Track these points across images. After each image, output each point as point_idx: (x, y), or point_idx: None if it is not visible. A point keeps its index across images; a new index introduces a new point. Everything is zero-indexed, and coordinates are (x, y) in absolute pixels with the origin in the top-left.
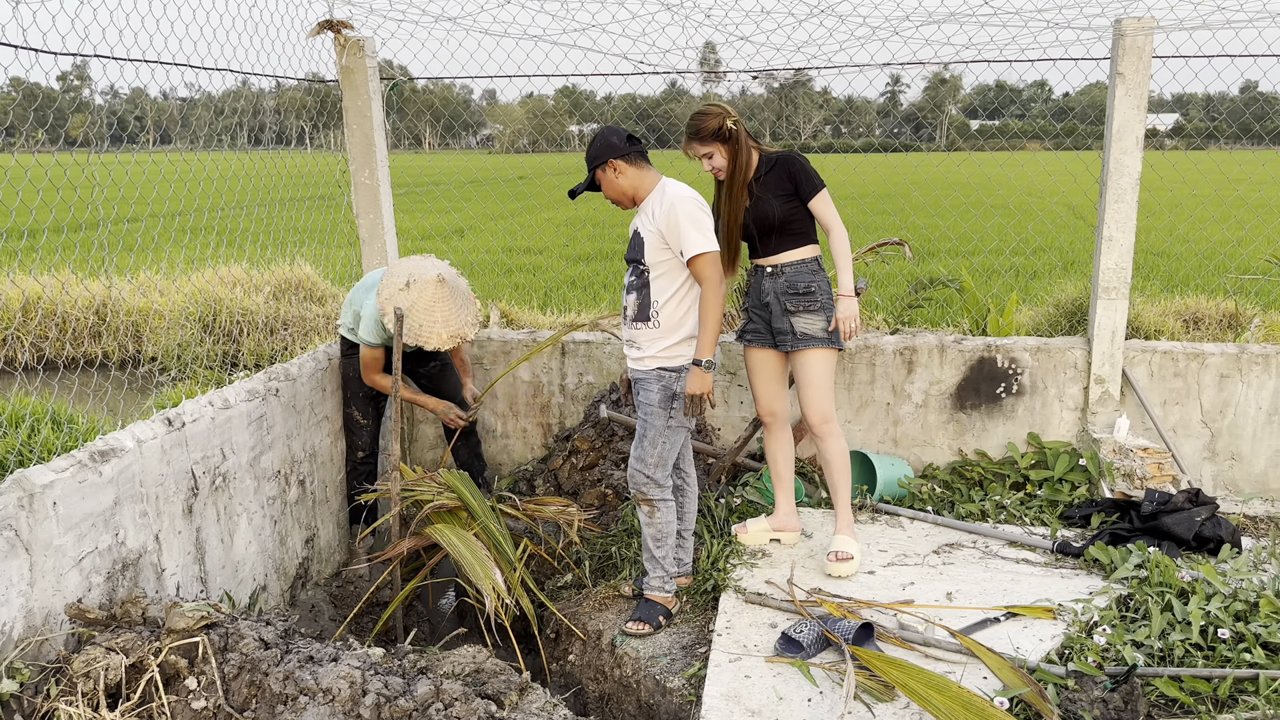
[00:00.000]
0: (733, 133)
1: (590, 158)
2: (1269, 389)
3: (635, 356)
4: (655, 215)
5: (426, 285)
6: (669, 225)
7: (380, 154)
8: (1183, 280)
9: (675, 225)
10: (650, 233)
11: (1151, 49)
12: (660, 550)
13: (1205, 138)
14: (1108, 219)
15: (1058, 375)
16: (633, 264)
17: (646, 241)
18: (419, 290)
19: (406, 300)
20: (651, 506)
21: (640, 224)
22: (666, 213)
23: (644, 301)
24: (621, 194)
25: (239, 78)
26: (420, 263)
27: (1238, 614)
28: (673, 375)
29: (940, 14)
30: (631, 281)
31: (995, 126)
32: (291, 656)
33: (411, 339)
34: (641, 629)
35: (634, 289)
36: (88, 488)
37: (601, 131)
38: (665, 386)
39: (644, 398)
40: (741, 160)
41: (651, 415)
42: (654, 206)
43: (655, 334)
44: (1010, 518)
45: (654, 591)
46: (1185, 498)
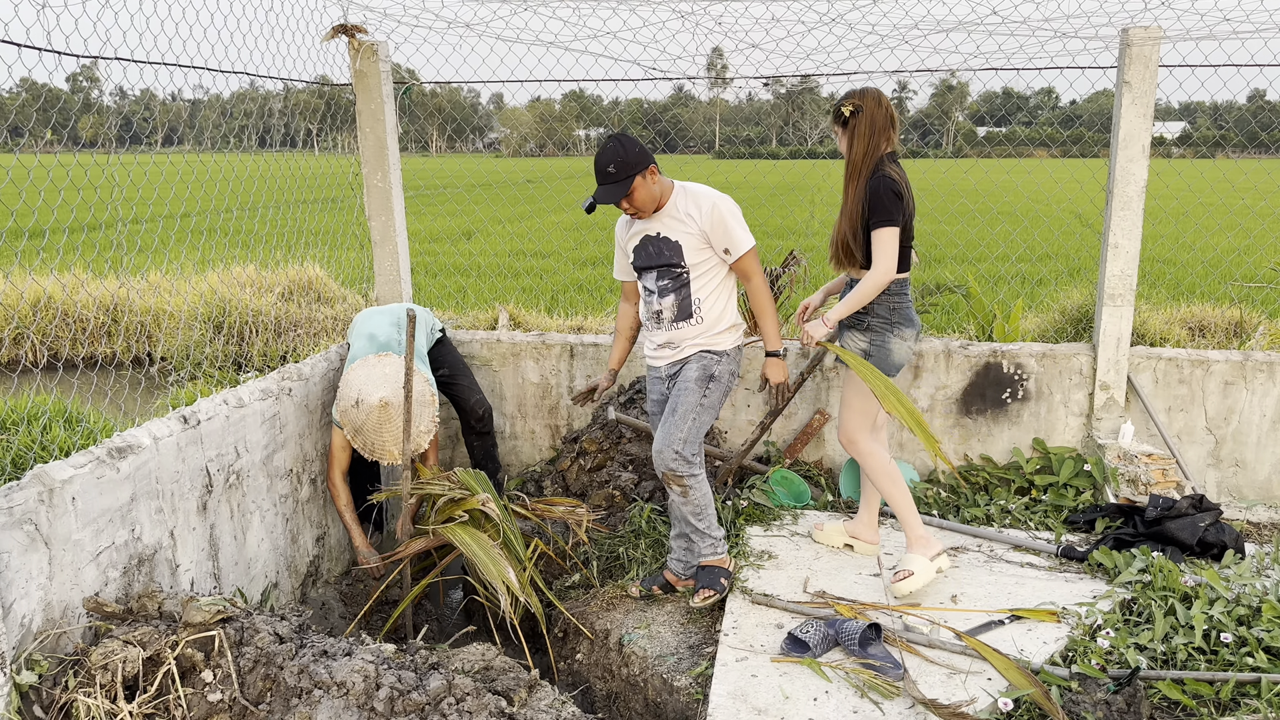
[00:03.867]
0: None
1: (631, 164)
2: (1273, 396)
3: (672, 354)
4: (694, 217)
5: (371, 410)
6: (715, 224)
7: (393, 157)
8: (1188, 288)
9: (723, 224)
10: (689, 235)
11: (1158, 58)
12: (703, 523)
13: (1212, 146)
14: (1113, 226)
15: (1063, 381)
16: (662, 268)
17: (684, 244)
18: (365, 412)
19: (357, 418)
20: (683, 486)
21: (667, 228)
22: (709, 213)
23: (684, 301)
24: (652, 199)
25: (248, 80)
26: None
27: (1240, 618)
28: (713, 358)
29: (949, 23)
30: (665, 285)
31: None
32: (306, 651)
33: (366, 454)
34: (709, 596)
35: (669, 291)
36: (105, 484)
37: (622, 140)
38: (704, 366)
39: (683, 376)
40: (854, 152)
41: (687, 392)
42: (687, 209)
43: (698, 329)
44: (1015, 522)
45: (709, 557)
46: (1189, 504)
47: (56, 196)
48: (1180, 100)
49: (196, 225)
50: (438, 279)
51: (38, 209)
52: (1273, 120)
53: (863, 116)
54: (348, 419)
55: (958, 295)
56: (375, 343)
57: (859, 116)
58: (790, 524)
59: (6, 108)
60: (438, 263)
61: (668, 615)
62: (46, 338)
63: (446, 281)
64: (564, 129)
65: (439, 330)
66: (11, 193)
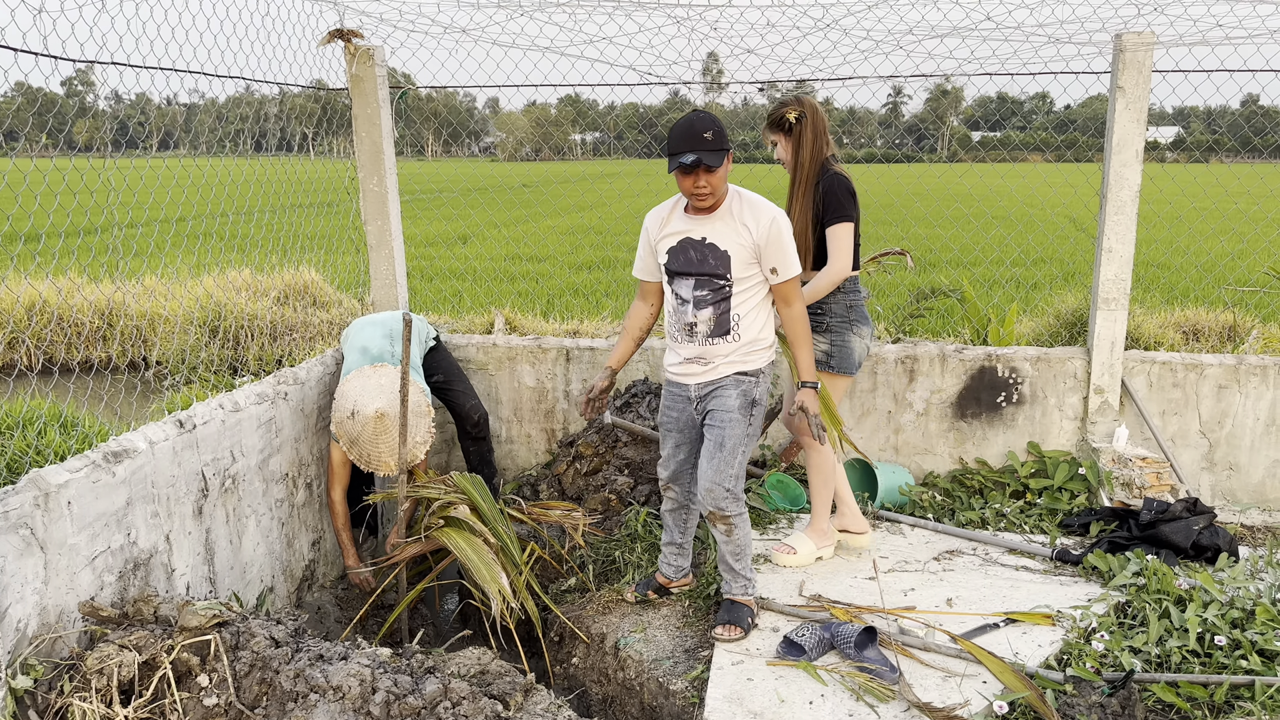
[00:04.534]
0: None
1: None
2: (1266, 400)
3: (705, 372)
4: (750, 228)
5: (367, 422)
6: (771, 241)
7: (389, 161)
8: (1182, 292)
9: (779, 242)
10: (742, 246)
11: (1151, 64)
12: (740, 563)
13: (1206, 151)
14: (1107, 231)
15: (1057, 385)
16: (703, 278)
17: (734, 256)
18: (361, 424)
19: (353, 429)
20: (729, 525)
21: (716, 234)
22: (768, 227)
23: (723, 316)
24: (718, 191)
25: (242, 84)
26: (364, 387)
27: (1234, 621)
28: (751, 380)
29: (943, 28)
30: (703, 296)
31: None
32: (302, 655)
33: (363, 466)
34: (734, 633)
35: (706, 304)
36: (101, 488)
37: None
38: (744, 392)
39: (719, 404)
40: (800, 158)
41: (731, 424)
42: (745, 217)
43: (733, 346)
44: (1010, 525)
45: (739, 596)
46: (1183, 507)
47: (52, 201)
48: (1174, 105)
49: (192, 230)
50: (434, 283)
51: (33, 213)
52: (1266, 125)
53: (807, 122)
54: (343, 431)
55: (953, 299)
56: (368, 355)
57: (804, 122)
58: (786, 527)
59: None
60: (434, 267)
61: (663, 619)
62: (42, 342)
63: (442, 285)
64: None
65: (433, 338)
66: (7, 197)
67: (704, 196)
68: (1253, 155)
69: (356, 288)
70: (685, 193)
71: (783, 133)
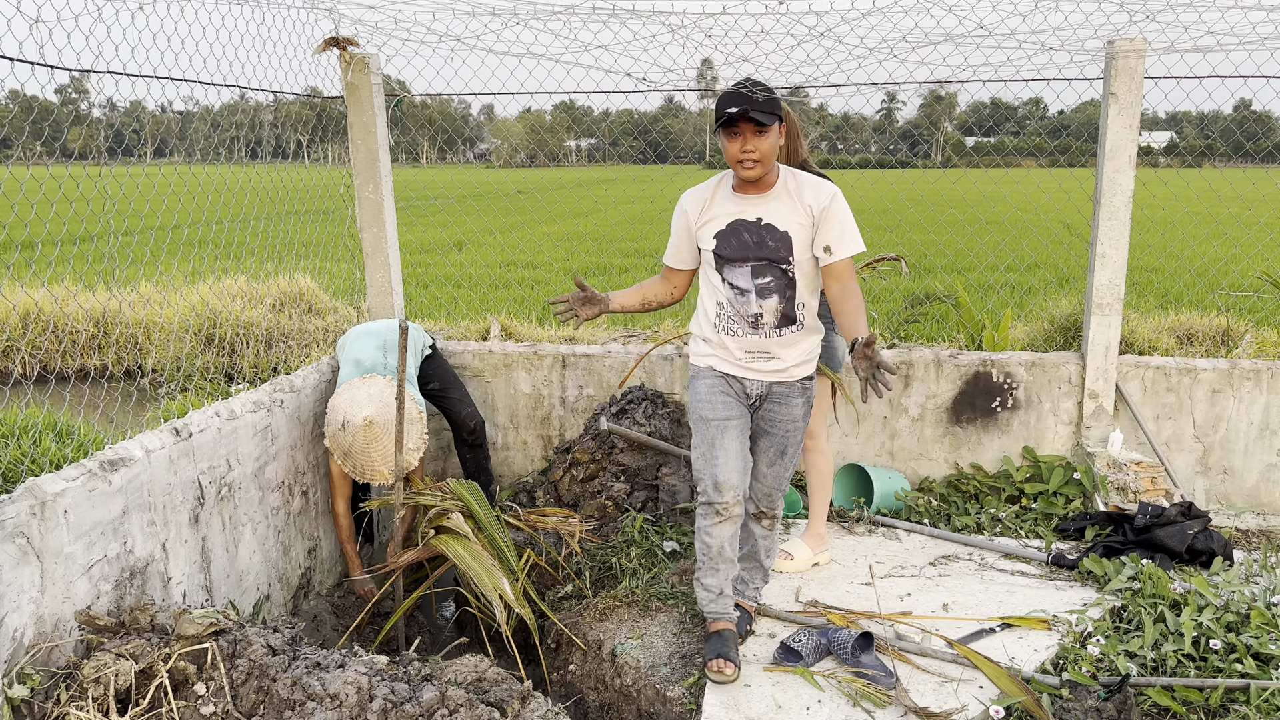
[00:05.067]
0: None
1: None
2: (1260, 404)
3: (773, 369)
4: (811, 206)
5: (357, 431)
6: (832, 217)
7: (384, 169)
8: (1176, 297)
9: (839, 218)
10: (803, 226)
11: (1144, 70)
12: (769, 559)
13: (1199, 156)
14: (1101, 236)
15: (1052, 390)
16: (764, 263)
17: (795, 237)
18: (352, 434)
19: (345, 440)
20: (774, 521)
21: (774, 214)
22: (829, 202)
23: (789, 304)
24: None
25: (237, 91)
26: (353, 399)
27: (1229, 625)
28: (813, 385)
29: (936, 35)
30: (766, 284)
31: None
32: (299, 663)
33: (358, 478)
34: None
35: (771, 292)
36: (97, 496)
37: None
38: (808, 400)
39: (786, 413)
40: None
41: (794, 433)
42: (805, 194)
43: (798, 337)
44: (1006, 530)
45: (743, 599)
46: (1178, 511)
47: (47, 209)
48: (1167, 110)
49: (188, 237)
50: (429, 290)
51: (29, 222)
52: (1258, 130)
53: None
54: (336, 443)
55: (947, 305)
56: (361, 367)
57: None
58: (782, 533)
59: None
60: (429, 274)
61: (660, 625)
62: (37, 350)
63: (438, 292)
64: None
65: (429, 347)
66: (2, 205)
67: (751, 164)
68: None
69: (352, 295)
70: (731, 159)
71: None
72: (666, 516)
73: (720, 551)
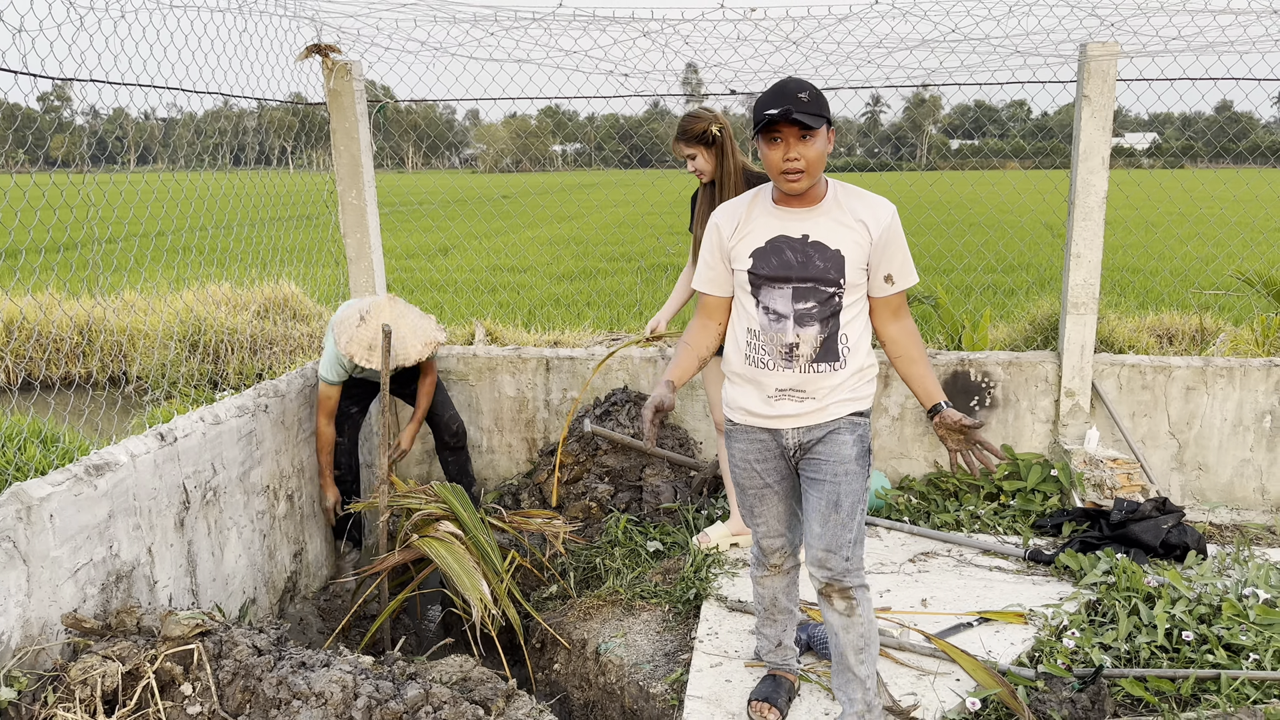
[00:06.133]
0: (717, 139)
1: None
2: (1233, 401)
3: (806, 410)
4: (867, 223)
5: (382, 307)
6: (890, 240)
7: (367, 175)
8: (1156, 297)
9: (902, 242)
10: (858, 246)
11: (1116, 73)
12: (864, 665)
13: (1180, 156)
14: (1075, 237)
15: (1029, 388)
16: (808, 285)
17: (849, 257)
18: (377, 314)
19: (368, 333)
20: (850, 600)
21: (823, 230)
22: (888, 223)
23: (831, 337)
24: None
25: (220, 98)
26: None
27: (1201, 617)
28: (866, 421)
29: (913, 40)
30: (807, 310)
31: (974, 146)
32: (284, 663)
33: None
34: None
35: (812, 320)
36: (83, 501)
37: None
38: (861, 438)
39: (833, 452)
40: (727, 168)
41: (848, 478)
42: (859, 210)
43: (841, 376)
44: (984, 527)
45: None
46: (1153, 506)
47: (31, 217)
48: (1150, 112)
49: (171, 244)
50: (414, 295)
51: (14, 230)
52: (1238, 131)
53: (726, 134)
54: (358, 340)
55: (927, 306)
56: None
57: (725, 133)
58: None
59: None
60: (414, 279)
61: (644, 624)
62: (21, 358)
63: (423, 297)
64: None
65: None
66: None
67: (796, 175)
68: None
69: (336, 300)
70: (774, 170)
71: (703, 145)
72: (650, 517)
73: (774, 602)
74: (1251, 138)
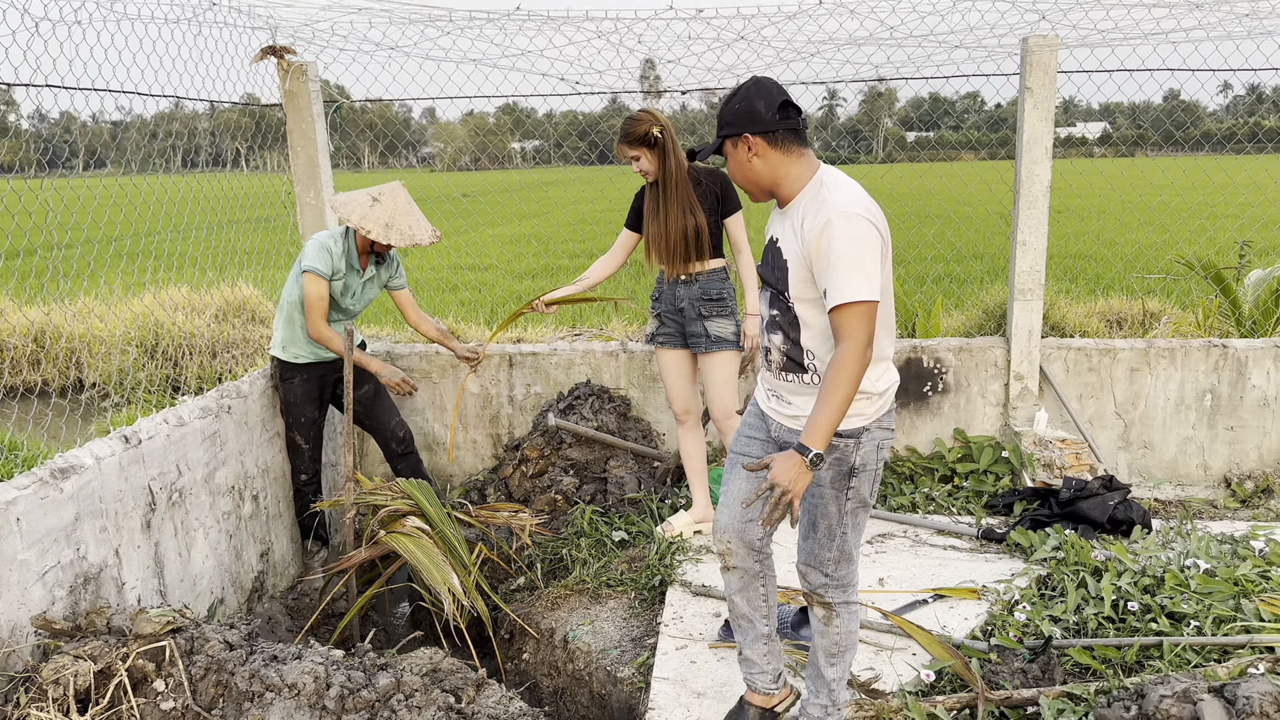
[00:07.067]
0: (659, 140)
1: (724, 121)
2: (1175, 381)
3: (787, 414)
4: (804, 226)
5: (397, 191)
6: (818, 254)
7: (325, 175)
8: (1106, 284)
9: (831, 249)
10: (796, 256)
11: (1056, 65)
12: (833, 668)
13: (1131, 145)
14: (1021, 224)
15: (980, 373)
16: (774, 292)
17: (791, 266)
18: (392, 197)
19: (384, 211)
20: (829, 611)
21: (783, 233)
22: (818, 231)
23: (794, 346)
24: (752, 182)
25: (172, 100)
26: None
27: (1146, 588)
28: (850, 442)
29: (860, 35)
30: (774, 316)
31: (931, 138)
32: (256, 656)
33: (405, 241)
34: None
35: (778, 327)
36: (49, 504)
37: (751, 86)
38: (840, 459)
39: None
40: (669, 167)
41: (822, 501)
42: (806, 212)
43: (810, 390)
44: (939, 508)
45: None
46: (1100, 484)
47: None
48: (1100, 102)
49: (128, 249)
50: None
51: None
52: (1186, 120)
53: (667, 135)
54: (372, 218)
55: None
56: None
57: (666, 134)
58: None
59: None
60: None
61: (610, 612)
62: None
63: (384, 297)
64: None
65: (359, 343)
66: None
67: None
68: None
69: None
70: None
71: (646, 147)
72: (615, 508)
73: (733, 604)
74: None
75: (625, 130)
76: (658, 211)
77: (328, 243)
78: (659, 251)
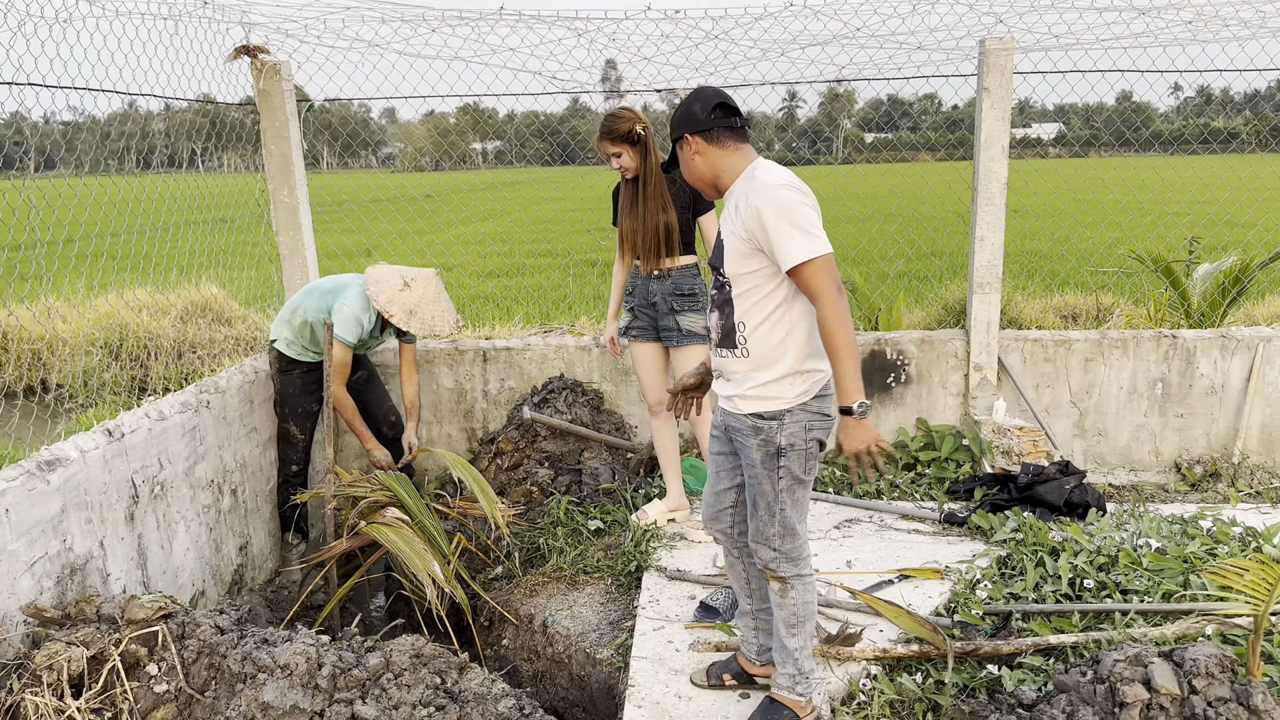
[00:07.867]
0: (641, 137)
1: (670, 128)
2: (1128, 370)
3: (726, 393)
4: (740, 206)
5: (429, 280)
6: (758, 223)
7: (299, 173)
8: (1061, 280)
9: (765, 223)
10: (734, 235)
11: (1013, 66)
12: (794, 638)
13: (1085, 145)
14: (979, 221)
15: (941, 364)
16: (715, 270)
17: (728, 246)
18: (423, 285)
19: (412, 298)
20: (783, 584)
21: (723, 221)
22: (755, 207)
23: (728, 324)
24: (698, 179)
25: (126, 100)
26: (394, 269)
27: (1101, 566)
28: (773, 424)
29: (824, 36)
30: (713, 295)
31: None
32: (247, 640)
33: (425, 331)
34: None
35: (716, 305)
36: (37, 495)
37: (691, 94)
38: (765, 441)
39: (744, 455)
40: (650, 163)
41: (757, 479)
42: (740, 195)
43: (747, 365)
44: (903, 494)
45: (782, 692)
46: (1057, 469)
47: None
48: (1054, 103)
49: (87, 250)
50: None
51: None
52: (1137, 120)
53: (648, 132)
54: (399, 304)
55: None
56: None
57: (648, 132)
58: (700, 508)
59: None
60: None
61: (588, 597)
62: None
63: None
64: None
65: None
66: None
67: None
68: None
69: (266, 300)
70: None
71: (628, 144)
72: (590, 498)
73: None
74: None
75: (608, 127)
76: (634, 207)
77: (361, 317)
78: (634, 246)
